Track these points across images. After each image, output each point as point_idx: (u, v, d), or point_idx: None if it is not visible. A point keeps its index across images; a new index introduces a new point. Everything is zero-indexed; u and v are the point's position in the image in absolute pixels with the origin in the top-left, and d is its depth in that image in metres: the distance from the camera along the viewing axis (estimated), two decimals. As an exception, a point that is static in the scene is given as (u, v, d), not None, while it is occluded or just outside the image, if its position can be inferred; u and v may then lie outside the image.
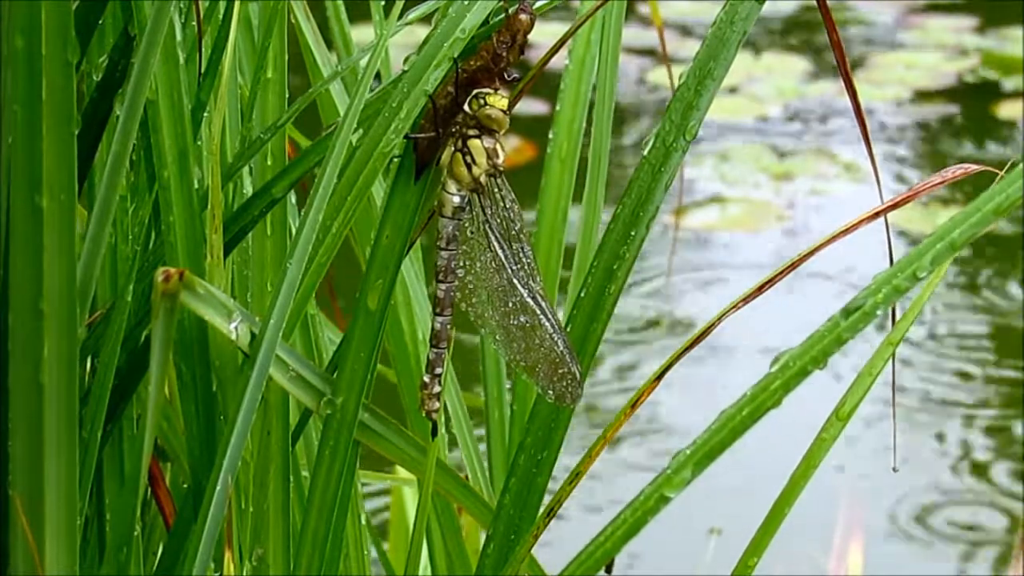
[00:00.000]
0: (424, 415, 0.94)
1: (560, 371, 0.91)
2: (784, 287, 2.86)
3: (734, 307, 0.89)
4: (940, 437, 2.76)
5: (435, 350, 0.93)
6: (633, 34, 4.08)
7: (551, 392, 0.91)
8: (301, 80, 1.05)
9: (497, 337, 0.92)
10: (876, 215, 0.90)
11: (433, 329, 0.92)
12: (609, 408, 2.84)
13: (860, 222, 0.90)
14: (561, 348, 0.90)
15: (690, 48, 4.09)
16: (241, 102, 0.99)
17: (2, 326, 0.82)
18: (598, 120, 1.17)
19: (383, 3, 1.16)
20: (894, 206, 0.90)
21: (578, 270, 1.18)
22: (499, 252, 0.91)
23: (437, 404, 0.93)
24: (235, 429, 0.85)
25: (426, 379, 0.93)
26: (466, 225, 0.91)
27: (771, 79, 4.10)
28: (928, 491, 2.62)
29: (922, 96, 4.03)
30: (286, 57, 0.97)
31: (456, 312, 0.92)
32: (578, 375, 0.90)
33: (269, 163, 0.96)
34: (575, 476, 0.90)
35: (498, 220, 0.91)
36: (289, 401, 0.93)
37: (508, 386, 1.21)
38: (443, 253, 0.91)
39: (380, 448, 0.92)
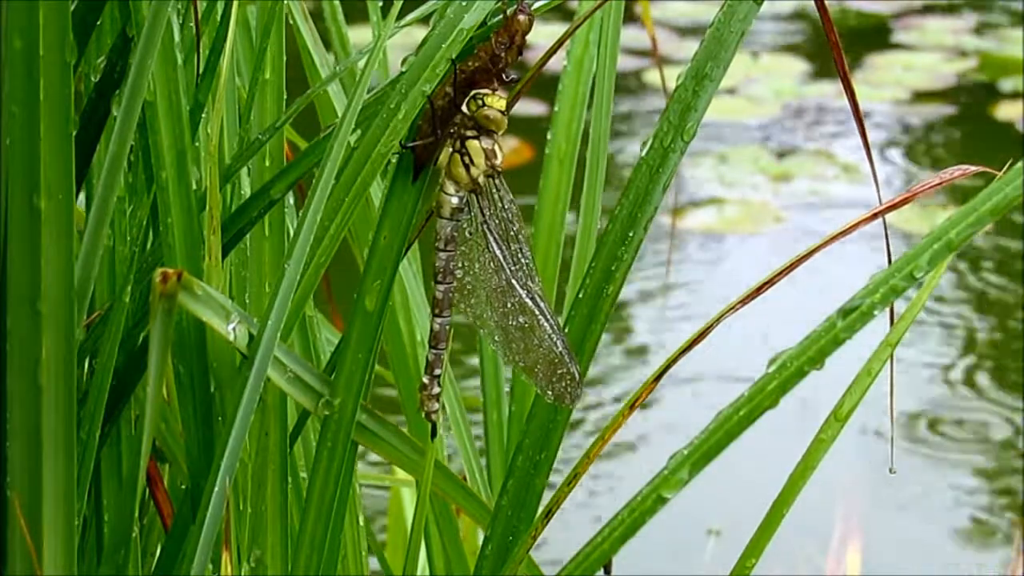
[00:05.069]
0: (423, 416, 0.94)
1: (559, 371, 0.90)
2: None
3: (732, 308, 0.89)
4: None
5: (434, 351, 0.93)
6: (632, 35, 4.07)
7: (550, 392, 0.91)
8: (299, 81, 1.05)
9: (496, 338, 0.92)
10: (874, 216, 0.90)
11: (432, 330, 0.92)
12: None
13: (859, 223, 0.90)
14: (560, 348, 0.90)
15: (688, 49, 4.08)
16: (239, 103, 0.99)
17: (0, 327, 0.82)
18: (596, 121, 1.17)
19: (381, 4, 1.16)
20: (892, 207, 0.90)
21: (576, 271, 1.18)
22: (497, 253, 0.91)
23: (437, 405, 0.93)
24: (233, 430, 0.85)
25: (425, 380, 0.93)
26: (464, 226, 0.91)
27: (769, 80, 4.10)
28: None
29: (920, 97, 4.03)
30: (284, 58, 0.97)
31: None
32: (577, 375, 0.90)
33: (267, 164, 0.96)
34: (573, 477, 0.90)
35: (496, 221, 0.91)
36: (287, 402, 0.93)
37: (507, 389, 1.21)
38: (441, 254, 0.91)
39: (378, 449, 0.92)
